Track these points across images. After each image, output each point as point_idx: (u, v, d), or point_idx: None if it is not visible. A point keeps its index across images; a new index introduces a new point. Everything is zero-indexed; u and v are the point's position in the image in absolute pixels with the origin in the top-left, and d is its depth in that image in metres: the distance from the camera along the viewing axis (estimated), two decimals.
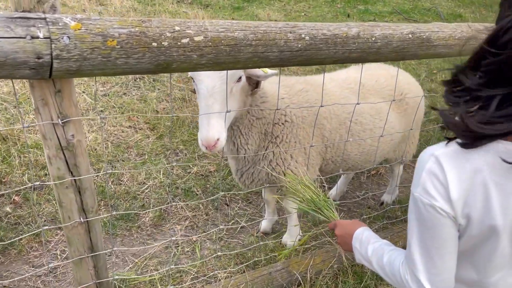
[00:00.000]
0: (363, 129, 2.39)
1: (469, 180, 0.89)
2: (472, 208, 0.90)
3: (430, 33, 1.88)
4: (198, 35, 1.33)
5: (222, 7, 7.60)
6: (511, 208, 0.90)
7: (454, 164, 0.90)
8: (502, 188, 0.88)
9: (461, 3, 9.18)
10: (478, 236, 0.94)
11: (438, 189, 0.91)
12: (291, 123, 2.19)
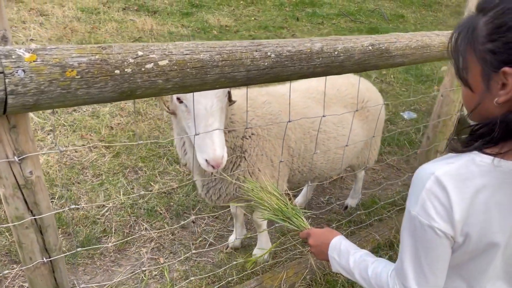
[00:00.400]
0: (327, 138, 2.41)
1: (471, 199, 0.89)
2: (472, 226, 0.90)
3: (389, 44, 1.92)
4: (163, 59, 1.27)
5: (171, 13, 7.46)
6: (509, 228, 0.91)
7: (457, 184, 0.89)
8: (502, 208, 0.90)
9: (402, 3, 9.59)
10: (473, 251, 0.95)
11: (438, 210, 0.90)
12: (257, 136, 2.17)
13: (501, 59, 0.84)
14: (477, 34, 0.88)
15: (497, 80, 0.86)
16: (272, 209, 1.60)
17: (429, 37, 2.10)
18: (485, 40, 0.87)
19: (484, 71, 0.88)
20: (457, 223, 0.89)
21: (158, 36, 6.21)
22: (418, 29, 8.05)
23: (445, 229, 0.91)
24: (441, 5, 9.74)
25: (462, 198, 0.89)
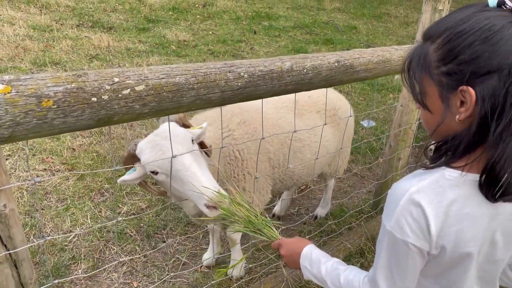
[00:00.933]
0: (302, 145, 2.49)
1: (445, 213, 0.93)
2: (446, 238, 0.94)
3: (353, 60, 2.00)
4: (139, 84, 1.26)
5: (127, 29, 7.35)
6: (480, 236, 0.96)
7: (431, 200, 0.93)
8: (473, 218, 0.94)
9: (354, 15, 9.96)
10: (449, 262, 0.99)
11: (412, 227, 0.94)
12: (236, 159, 2.19)
13: (457, 79, 0.90)
14: (430, 60, 0.94)
15: (456, 99, 0.91)
16: (242, 221, 1.57)
17: (389, 52, 2.20)
18: (439, 64, 0.93)
19: (442, 93, 0.94)
20: (433, 237, 0.93)
21: (115, 52, 6.10)
22: (370, 39, 8.37)
23: (419, 244, 0.95)
24: (390, 17, 10.20)
25: (437, 213, 0.93)
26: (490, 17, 0.88)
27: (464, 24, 0.90)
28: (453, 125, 0.94)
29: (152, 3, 8.80)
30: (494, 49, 0.85)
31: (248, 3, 9.97)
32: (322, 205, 3.25)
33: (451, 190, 0.93)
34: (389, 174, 3.04)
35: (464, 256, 0.97)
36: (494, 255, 1.02)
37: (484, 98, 0.86)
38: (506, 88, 0.85)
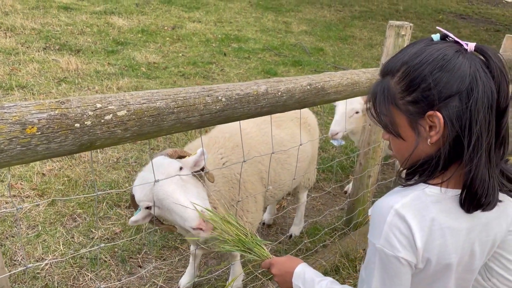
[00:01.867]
0: (288, 156, 2.60)
1: (429, 227, 0.98)
2: (431, 252, 1.00)
3: (324, 83, 2.09)
4: (121, 109, 1.29)
5: (95, 52, 7.29)
6: (460, 247, 1.02)
7: (415, 214, 0.98)
8: (453, 231, 1.01)
9: (321, 38, 10.27)
10: (433, 275, 1.04)
11: (401, 241, 0.98)
12: (238, 182, 2.25)
13: (423, 105, 0.99)
14: (393, 92, 1.03)
15: (424, 124, 1.00)
16: (232, 241, 1.56)
17: (357, 74, 2.32)
18: (403, 94, 1.01)
19: (411, 121, 1.02)
20: (419, 251, 0.98)
21: (84, 75, 6.04)
22: (337, 61, 8.65)
23: (409, 258, 0.99)
24: (355, 39, 10.58)
25: (422, 227, 0.98)
26: (440, 48, 0.99)
27: (419, 57, 1.00)
28: (425, 148, 1.02)
29: (120, 26, 8.79)
30: (451, 75, 0.95)
31: (217, 25, 10.12)
32: (296, 223, 3.30)
33: (433, 206, 1.00)
34: (360, 191, 3.14)
35: (446, 267, 1.03)
36: (472, 265, 1.09)
37: (451, 119, 0.96)
38: (468, 108, 0.94)
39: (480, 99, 0.93)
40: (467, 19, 15.13)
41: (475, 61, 0.97)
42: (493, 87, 0.95)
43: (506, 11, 17.86)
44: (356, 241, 3.02)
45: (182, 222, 1.71)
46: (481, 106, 0.93)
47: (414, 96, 0.99)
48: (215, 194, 2.13)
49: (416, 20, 13.71)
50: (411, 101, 1.00)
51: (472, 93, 0.94)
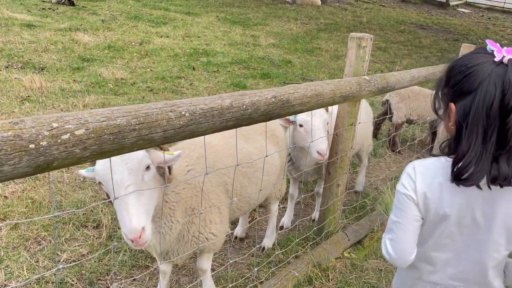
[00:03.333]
0: (255, 170, 2.60)
1: (430, 182, 1.34)
2: (430, 200, 1.34)
3: (288, 95, 2.11)
4: (79, 128, 1.26)
5: (60, 69, 7.13)
6: (457, 205, 1.32)
7: (422, 170, 1.36)
8: (450, 190, 1.31)
9: (288, 50, 10.41)
10: (433, 222, 1.37)
11: (410, 184, 1.36)
12: (201, 191, 2.25)
13: (449, 98, 1.32)
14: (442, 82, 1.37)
15: (449, 111, 1.32)
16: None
17: (321, 86, 2.35)
18: (444, 86, 1.35)
19: (444, 104, 1.37)
20: (418, 193, 1.34)
21: (48, 93, 5.89)
22: (305, 72, 8.78)
23: (412, 195, 1.35)
24: (321, 51, 10.77)
25: (424, 179, 1.35)
26: (474, 57, 1.27)
27: (459, 61, 1.31)
28: (450, 129, 1.34)
29: (86, 42, 8.65)
30: (466, 78, 1.25)
31: (186, 40, 10.10)
32: (268, 235, 3.30)
33: (440, 169, 1.34)
34: (330, 200, 3.17)
35: (443, 217, 1.34)
36: (478, 233, 1.34)
37: (459, 111, 1.27)
38: (474, 104, 1.21)
39: (481, 101, 1.20)
40: (427, 29, 15.70)
41: (495, 71, 1.20)
42: (497, 94, 1.18)
43: (463, 21, 18.66)
44: (328, 250, 3.04)
45: (122, 226, 1.73)
46: (481, 105, 1.20)
47: (446, 90, 1.34)
48: (174, 195, 2.13)
49: (379, 31, 14.11)
50: (445, 93, 1.35)
51: (478, 95, 1.21)
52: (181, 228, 2.20)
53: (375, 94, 2.83)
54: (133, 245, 1.72)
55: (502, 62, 1.20)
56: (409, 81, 3.12)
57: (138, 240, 1.70)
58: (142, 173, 1.81)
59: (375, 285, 2.90)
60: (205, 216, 2.28)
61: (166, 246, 2.19)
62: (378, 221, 3.59)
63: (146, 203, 1.79)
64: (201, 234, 2.27)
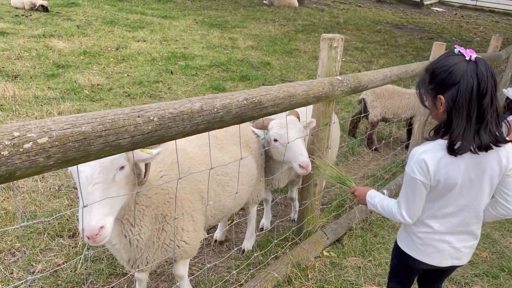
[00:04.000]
0: (230, 178, 2.59)
1: (438, 162, 1.72)
2: (440, 175, 1.73)
3: (260, 96, 2.12)
4: (42, 136, 1.24)
5: (34, 76, 7.00)
6: (461, 174, 1.73)
7: (430, 156, 1.72)
8: (455, 164, 1.71)
9: (267, 52, 10.45)
10: (443, 190, 1.78)
11: (419, 170, 1.74)
12: (174, 198, 2.23)
13: (436, 91, 1.71)
14: (426, 82, 1.77)
15: (437, 102, 1.72)
16: (332, 177, 2.40)
17: (294, 87, 2.37)
18: (429, 84, 1.74)
19: (431, 98, 1.76)
20: (431, 175, 1.73)
21: (22, 101, 5.77)
22: (284, 73, 8.82)
23: (423, 180, 1.75)
24: (300, 52, 10.84)
25: (433, 162, 1.72)
26: (450, 58, 1.69)
27: (438, 63, 1.72)
28: (441, 116, 1.74)
29: (61, 49, 8.52)
30: (449, 75, 1.66)
31: (163, 44, 10.04)
32: (247, 237, 3.30)
33: (442, 150, 1.71)
34: (308, 199, 3.19)
35: (451, 186, 1.76)
36: (472, 189, 1.78)
37: (448, 100, 1.67)
38: (459, 94, 1.63)
39: (463, 90, 1.62)
40: (402, 28, 15.97)
41: (469, 67, 1.63)
42: (475, 84, 1.61)
43: (437, 20, 19.04)
44: (307, 250, 3.05)
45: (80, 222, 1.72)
46: (464, 94, 1.62)
47: (432, 86, 1.73)
48: (145, 199, 2.11)
49: (356, 31, 14.29)
50: (431, 88, 1.73)
51: (460, 87, 1.62)
52: (151, 234, 2.17)
53: (348, 93, 2.86)
54: (90, 241, 1.71)
55: (471, 60, 1.65)
56: (381, 80, 3.16)
57: (95, 238, 1.69)
58: (114, 172, 1.79)
59: (354, 282, 2.93)
60: (177, 223, 2.26)
61: (133, 252, 2.16)
62: (357, 218, 3.63)
63: (111, 202, 1.76)
64: (172, 242, 2.25)
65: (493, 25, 19.16)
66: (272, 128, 2.79)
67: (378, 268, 3.13)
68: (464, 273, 3.19)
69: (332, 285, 2.86)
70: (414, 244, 1.97)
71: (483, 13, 23.18)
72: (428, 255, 1.95)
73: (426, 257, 1.95)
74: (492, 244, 3.61)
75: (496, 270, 3.23)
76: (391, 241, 3.48)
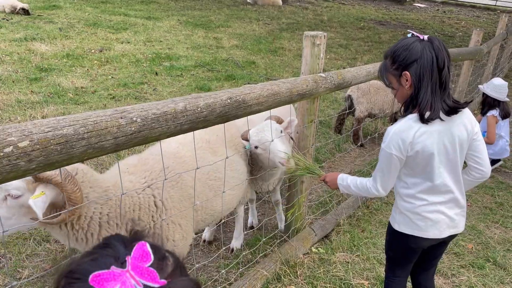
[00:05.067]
0: (222, 183, 2.55)
1: (413, 135, 1.85)
2: (417, 146, 1.86)
3: (244, 95, 2.12)
4: (23, 140, 1.23)
5: (17, 81, 6.90)
6: (436, 143, 1.88)
7: (403, 130, 1.87)
8: (429, 133, 1.86)
9: (252, 51, 10.46)
10: (422, 160, 1.91)
11: (395, 146, 1.89)
12: (158, 209, 2.16)
13: (399, 70, 1.88)
14: (388, 66, 1.94)
15: (402, 79, 1.88)
16: (301, 169, 2.58)
17: (278, 85, 2.38)
18: (392, 66, 1.92)
19: (396, 78, 1.92)
20: (407, 147, 1.87)
21: (5, 106, 5.68)
22: (269, 72, 8.84)
23: (398, 155, 1.90)
24: (285, 50, 10.87)
25: (408, 136, 1.86)
26: (407, 40, 1.88)
27: (397, 45, 1.90)
28: (405, 93, 1.92)
29: (43, 52, 8.40)
30: (409, 53, 1.83)
31: (147, 45, 9.97)
32: (236, 236, 3.30)
33: (414, 123, 1.87)
34: (295, 197, 3.20)
35: (430, 155, 1.89)
36: (449, 154, 1.93)
37: (412, 74, 1.84)
38: (420, 68, 1.82)
39: (425, 63, 1.81)
40: (386, 25, 16.12)
41: (425, 44, 1.83)
42: (434, 57, 1.81)
43: (420, 15, 19.27)
44: (296, 247, 3.07)
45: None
46: (426, 66, 1.81)
47: (395, 65, 1.89)
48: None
49: (340, 28, 14.38)
50: (395, 68, 1.90)
51: (421, 61, 1.81)
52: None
53: (332, 90, 2.88)
54: None
55: (424, 39, 1.85)
56: (364, 76, 3.19)
57: None
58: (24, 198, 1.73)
59: (343, 277, 2.96)
60: (163, 234, 2.19)
61: None
62: (344, 214, 3.66)
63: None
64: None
65: (474, 19, 19.46)
66: (251, 137, 2.81)
67: (366, 263, 3.16)
68: (450, 265, 3.24)
69: (321, 281, 2.89)
70: (412, 222, 2.04)
71: (464, 8, 23.52)
72: (427, 229, 2.02)
73: (425, 231, 2.03)
74: (477, 235, 3.68)
75: (481, 261, 3.29)
76: (378, 236, 3.52)
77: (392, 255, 2.28)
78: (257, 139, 2.77)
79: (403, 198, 2.06)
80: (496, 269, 3.24)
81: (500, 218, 3.99)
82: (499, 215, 4.06)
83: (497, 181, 4.88)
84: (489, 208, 4.19)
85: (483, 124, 5.06)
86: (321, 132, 5.95)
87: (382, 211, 3.98)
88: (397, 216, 2.11)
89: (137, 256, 0.62)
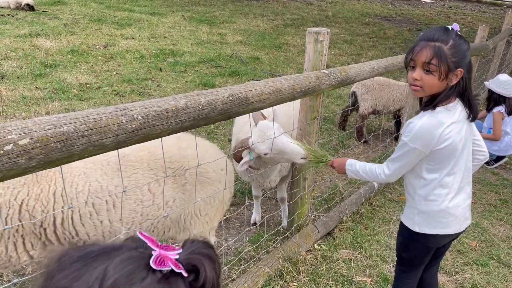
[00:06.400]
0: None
1: (435, 131, 1.84)
2: (447, 141, 1.86)
3: (246, 92, 2.11)
4: (23, 138, 1.23)
5: (21, 77, 6.93)
6: (460, 136, 1.89)
7: (427, 126, 1.85)
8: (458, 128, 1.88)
9: (256, 47, 10.43)
10: (449, 152, 1.89)
11: (422, 141, 1.86)
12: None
13: (456, 65, 1.81)
14: (446, 53, 1.79)
15: (452, 75, 1.82)
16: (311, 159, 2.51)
17: (280, 82, 2.37)
18: (451, 57, 1.79)
19: (446, 71, 1.80)
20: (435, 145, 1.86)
21: (10, 102, 5.71)
22: (273, 68, 8.81)
23: (423, 149, 1.87)
24: (289, 46, 10.84)
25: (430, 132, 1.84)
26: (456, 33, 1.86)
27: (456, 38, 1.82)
28: (438, 85, 1.84)
29: (48, 48, 8.43)
30: (465, 49, 1.83)
31: (151, 41, 9.97)
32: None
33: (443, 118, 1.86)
34: (298, 193, 3.20)
35: (454, 148, 1.90)
36: (467, 145, 1.98)
37: (465, 72, 1.83)
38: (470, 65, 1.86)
39: (469, 62, 1.85)
40: (391, 20, 16.02)
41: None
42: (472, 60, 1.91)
43: (425, 11, 19.13)
44: (298, 244, 3.07)
45: None
46: (470, 68, 1.86)
47: (455, 60, 1.80)
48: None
49: (344, 24, 14.31)
50: (453, 62, 1.80)
51: (468, 59, 1.84)
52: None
53: (335, 87, 2.86)
54: None
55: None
56: (368, 72, 3.17)
57: None
58: None
59: (346, 274, 2.96)
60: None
61: None
62: (347, 211, 3.65)
63: None
64: None
65: (480, 15, 19.29)
66: (255, 146, 2.58)
67: (369, 260, 3.16)
68: (454, 262, 3.23)
69: (324, 278, 2.89)
70: (434, 220, 2.02)
71: (470, 3, 23.31)
72: (449, 225, 2.02)
73: (448, 228, 2.02)
74: (481, 233, 3.66)
75: (485, 259, 3.28)
76: (381, 233, 3.51)
77: (407, 257, 2.20)
78: (266, 147, 2.57)
79: (425, 198, 2.01)
80: (500, 267, 3.22)
81: (504, 216, 3.96)
82: (503, 213, 4.03)
83: (502, 178, 4.85)
84: (494, 206, 4.17)
85: (489, 121, 5.02)
86: (325, 129, 5.94)
87: (386, 208, 3.96)
88: (416, 217, 2.05)
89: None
